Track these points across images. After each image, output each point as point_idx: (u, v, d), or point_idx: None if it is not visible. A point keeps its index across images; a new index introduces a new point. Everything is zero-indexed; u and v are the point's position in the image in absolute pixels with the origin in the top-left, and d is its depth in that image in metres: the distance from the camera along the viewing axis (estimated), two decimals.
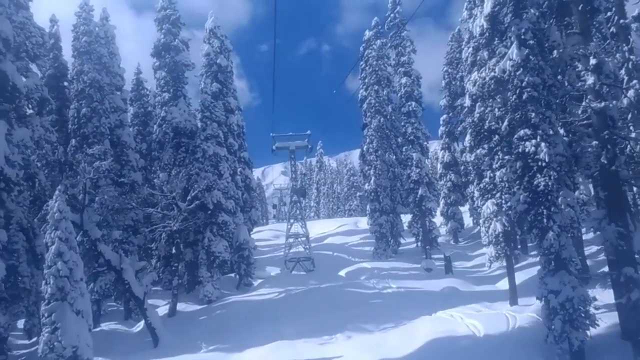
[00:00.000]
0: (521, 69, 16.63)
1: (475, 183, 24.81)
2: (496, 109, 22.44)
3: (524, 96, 16.52)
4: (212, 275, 34.81)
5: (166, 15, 38.83)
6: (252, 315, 27.76)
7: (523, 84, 16.48)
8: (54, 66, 40.45)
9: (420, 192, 41.51)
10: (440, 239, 44.67)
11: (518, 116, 17.01)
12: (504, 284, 28.64)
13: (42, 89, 30.71)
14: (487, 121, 22.37)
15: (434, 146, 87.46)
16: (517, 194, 17.15)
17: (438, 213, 48.05)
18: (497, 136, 22.68)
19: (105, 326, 34.20)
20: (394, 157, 47.99)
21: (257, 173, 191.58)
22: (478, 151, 23.23)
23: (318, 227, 68.44)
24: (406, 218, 49.67)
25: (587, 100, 16.78)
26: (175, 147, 37.85)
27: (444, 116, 53.01)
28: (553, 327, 16.30)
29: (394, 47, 45.56)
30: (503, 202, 22.21)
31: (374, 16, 52.91)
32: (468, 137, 24.20)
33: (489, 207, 22.29)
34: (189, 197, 33.51)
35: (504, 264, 35.16)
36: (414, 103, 43.32)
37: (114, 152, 36.68)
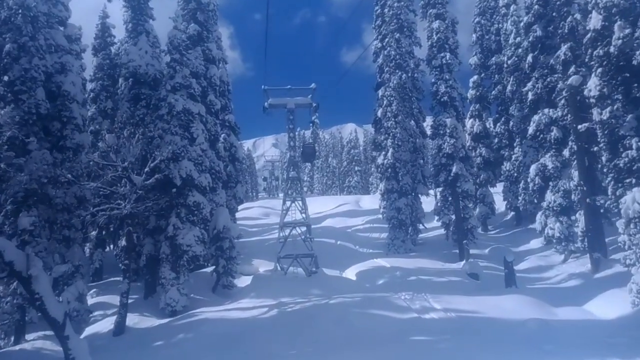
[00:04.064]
0: None
1: (604, 157, 15.36)
2: None
3: None
4: (179, 275, 25.50)
5: None
6: (227, 346, 18.49)
7: None
8: None
9: (454, 169, 32.04)
10: None
11: None
12: (597, 307, 19.49)
13: None
14: (638, 52, 12.92)
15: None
16: None
17: None
18: None
19: (31, 342, 24.89)
20: (415, 125, 38.63)
21: (247, 145, 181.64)
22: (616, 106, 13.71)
23: (314, 206, 59.06)
24: (425, 200, 40.51)
25: None
26: (133, 100, 28.16)
27: (475, 77, 43.78)
28: None
29: None
30: None
31: None
32: (595, 81, 14.78)
33: (637, 199, 13.02)
34: (146, 169, 24.02)
35: (577, 270, 26.24)
36: (448, 54, 33.49)
37: (52, 106, 27.17)
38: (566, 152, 27.45)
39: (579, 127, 24.64)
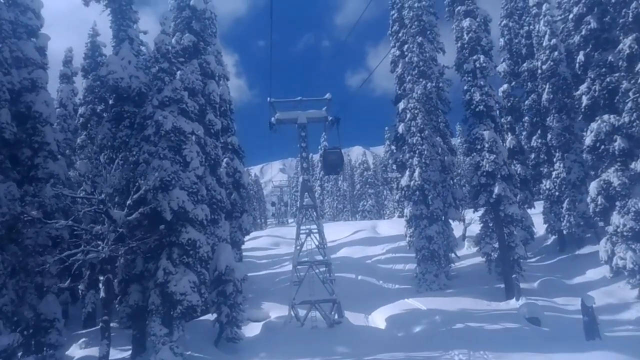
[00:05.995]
0: None
1: None
2: None
3: None
4: (172, 331, 20.78)
5: None
6: None
7: None
8: None
9: (496, 189, 27.18)
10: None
11: None
12: None
13: None
14: None
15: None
16: None
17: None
18: None
19: None
20: (441, 141, 34.06)
21: (254, 171, 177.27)
22: None
23: (327, 233, 53.75)
24: (453, 225, 35.77)
25: None
26: (115, 119, 23.74)
27: (505, 86, 39.20)
28: None
29: None
30: None
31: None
32: None
33: None
34: (129, 202, 19.51)
35: None
36: (482, 57, 28.84)
37: (21, 130, 22.93)
38: (636, 166, 22.78)
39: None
